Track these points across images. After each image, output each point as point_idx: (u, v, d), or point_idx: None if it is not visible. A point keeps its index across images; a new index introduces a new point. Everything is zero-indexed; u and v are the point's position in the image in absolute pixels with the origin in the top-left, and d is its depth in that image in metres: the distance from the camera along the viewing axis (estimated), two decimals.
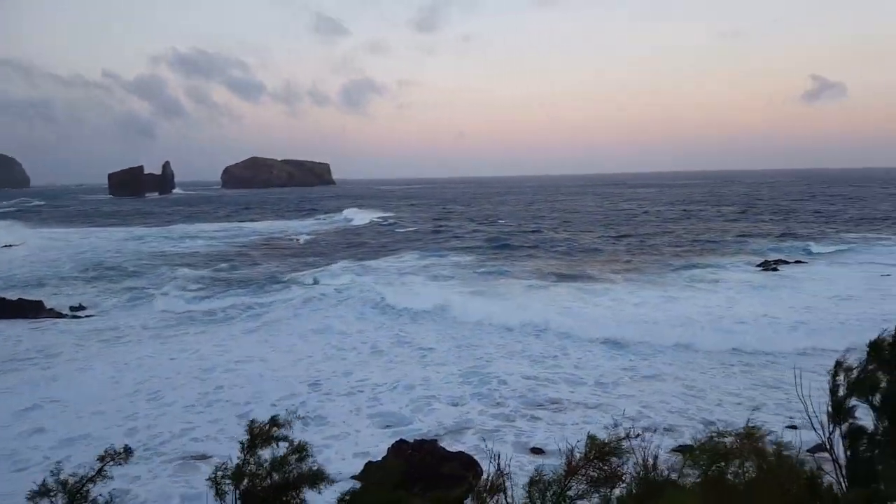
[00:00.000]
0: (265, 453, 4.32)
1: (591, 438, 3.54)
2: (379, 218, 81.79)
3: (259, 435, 4.29)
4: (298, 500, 4.22)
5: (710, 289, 30.89)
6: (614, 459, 3.54)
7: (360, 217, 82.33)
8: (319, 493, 4.39)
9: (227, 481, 4.15)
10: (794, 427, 12.06)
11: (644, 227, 62.11)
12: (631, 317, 24.55)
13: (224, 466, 4.33)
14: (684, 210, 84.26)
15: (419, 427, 14.18)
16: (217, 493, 4.20)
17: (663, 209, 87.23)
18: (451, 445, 12.39)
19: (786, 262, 38.41)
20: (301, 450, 4.28)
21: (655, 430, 12.10)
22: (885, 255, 40.37)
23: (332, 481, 4.53)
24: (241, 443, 4.46)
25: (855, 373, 3.37)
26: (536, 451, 12.89)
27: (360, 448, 13.06)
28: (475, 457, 11.22)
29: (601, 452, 3.43)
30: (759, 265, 37.65)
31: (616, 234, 56.92)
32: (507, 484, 3.96)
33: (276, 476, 4.19)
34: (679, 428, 13.89)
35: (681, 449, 13.60)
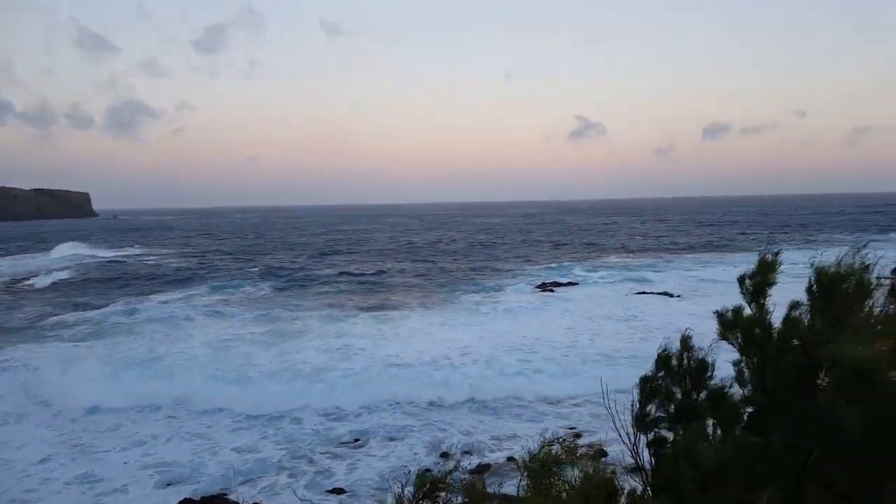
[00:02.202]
0: None
1: (420, 476, 3.43)
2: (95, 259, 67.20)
3: None
4: None
5: (491, 311, 33.18)
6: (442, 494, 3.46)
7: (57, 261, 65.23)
8: None
9: None
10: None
11: (436, 257, 64.87)
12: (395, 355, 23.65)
13: None
14: (473, 238, 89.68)
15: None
16: None
17: (459, 236, 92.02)
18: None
19: (560, 284, 42.67)
20: None
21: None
22: (639, 279, 46.71)
23: None
24: None
25: (651, 384, 3.69)
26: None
27: None
28: None
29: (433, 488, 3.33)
30: (538, 286, 41.41)
31: (410, 262, 58.72)
32: None
33: None
34: None
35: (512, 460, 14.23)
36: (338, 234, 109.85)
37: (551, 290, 40.25)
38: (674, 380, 3.70)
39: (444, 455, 15.37)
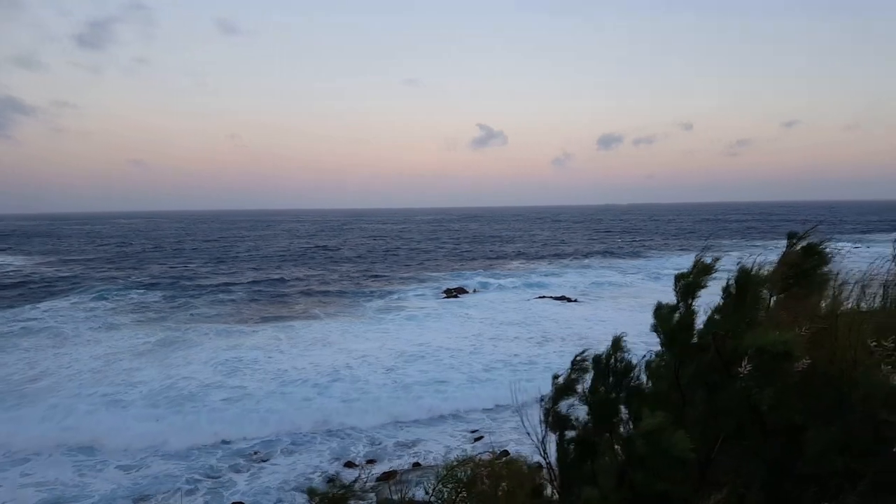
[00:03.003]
0: None
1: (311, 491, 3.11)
2: None
3: None
4: None
5: (395, 320, 32.89)
6: None
7: None
8: None
9: None
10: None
11: (338, 263, 63.77)
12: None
13: None
14: (374, 241, 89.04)
15: None
16: None
17: (362, 242, 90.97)
18: None
19: (463, 290, 43.03)
20: None
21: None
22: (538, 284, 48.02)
23: None
24: None
25: (561, 380, 3.60)
26: None
27: None
28: None
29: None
30: (441, 292, 41.53)
31: (313, 270, 57.34)
32: None
33: None
34: None
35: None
36: (234, 239, 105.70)
37: (455, 297, 40.53)
38: (601, 380, 3.67)
39: (350, 465, 14.93)
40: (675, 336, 3.23)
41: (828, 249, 3.55)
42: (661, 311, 3.17)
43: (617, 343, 3.83)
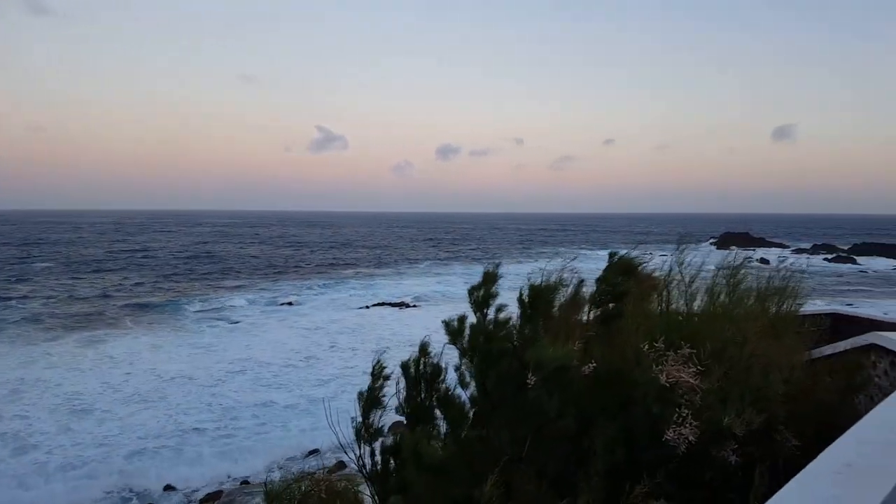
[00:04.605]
0: None
1: None
2: None
3: None
4: None
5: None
6: None
7: None
8: None
9: None
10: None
11: (157, 267, 58.88)
12: None
13: None
14: (202, 245, 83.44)
15: None
16: None
17: (186, 245, 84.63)
18: None
19: (296, 297, 41.90)
20: None
21: None
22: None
23: None
24: None
25: (366, 395, 3.66)
26: None
27: None
28: None
29: None
30: (272, 300, 40.09)
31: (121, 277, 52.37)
32: None
33: None
34: None
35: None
36: (40, 243, 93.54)
37: (289, 304, 39.29)
38: (411, 385, 3.72)
39: (169, 488, 13.83)
40: (474, 345, 3.37)
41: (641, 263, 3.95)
42: (450, 325, 3.32)
43: (424, 349, 3.89)
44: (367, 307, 38.66)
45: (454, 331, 3.53)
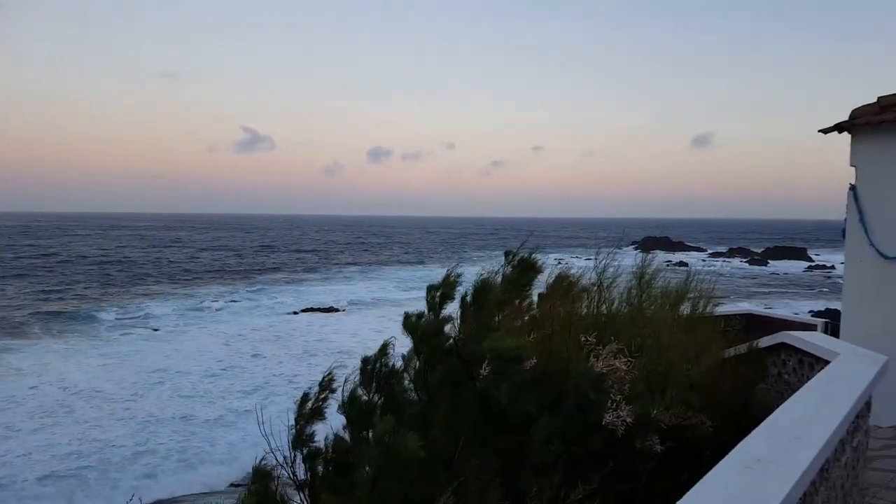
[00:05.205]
0: None
1: None
2: None
3: None
4: None
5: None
6: None
7: None
8: None
9: None
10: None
11: (67, 272, 55.82)
12: None
13: None
14: (119, 253, 79.66)
15: None
16: None
17: (93, 251, 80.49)
18: None
19: (218, 303, 40.74)
20: None
21: None
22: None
23: None
24: None
25: (311, 402, 3.55)
26: None
27: None
28: None
29: None
30: (193, 307, 38.78)
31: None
32: None
33: None
34: None
35: None
36: None
37: (211, 311, 38.07)
38: (364, 385, 3.66)
39: None
40: (424, 341, 3.34)
41: (539, 261, 4.04)
42: (409, 319, 3.27)
43: (384, 348, 3.87)
44: (295, 313, 37.90)
45: (410, 326, 3.52)
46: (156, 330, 31.41)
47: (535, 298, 3.96)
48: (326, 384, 3.76)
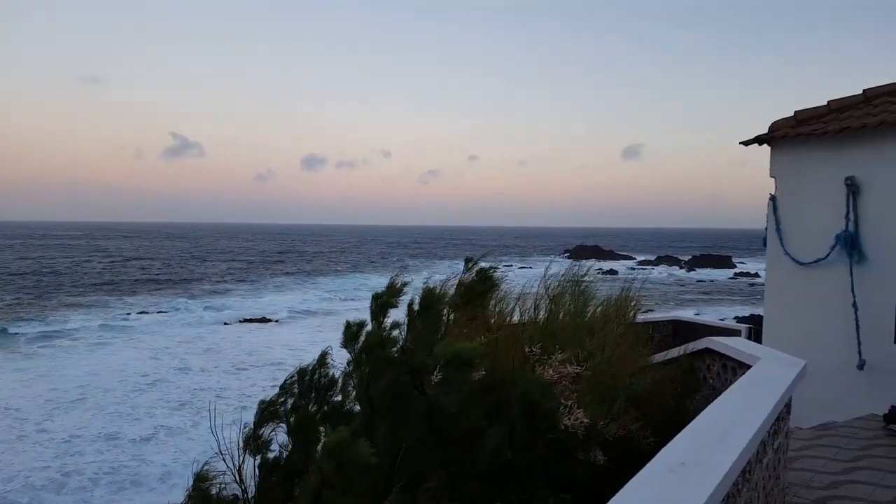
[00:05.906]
0: None
1: None
2: None
3: None
4: None
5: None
6: None
7: None
8: None
9: None
10: None
11: None
12: None
13: None
14: (40, 263, 75.29)
15: None
16: None
17: (20, 261, 75.79)
18: None
19: (146, 314, 39.10)
20: None
21: None
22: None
23: None
24: None
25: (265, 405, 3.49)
26: None
27: None
28: None
29: None
30: (122, 319, 37.10)
31: None
32: None
33: None
34: None
35: None
36: None
37: (137, 323, 36.51)
38: (304, 396, 3.59)
39: None
40: (368, 351, 3.32)
41: (497, 272, 4.07)
42: (350, 329, 3.24)
43: (322, 358, 3.82)
44: (225, 324, 36.78)
45: (350, 335, 3.47)
46: (76, 343, 29.82)
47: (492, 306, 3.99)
48: (288, 387, 3.67)
